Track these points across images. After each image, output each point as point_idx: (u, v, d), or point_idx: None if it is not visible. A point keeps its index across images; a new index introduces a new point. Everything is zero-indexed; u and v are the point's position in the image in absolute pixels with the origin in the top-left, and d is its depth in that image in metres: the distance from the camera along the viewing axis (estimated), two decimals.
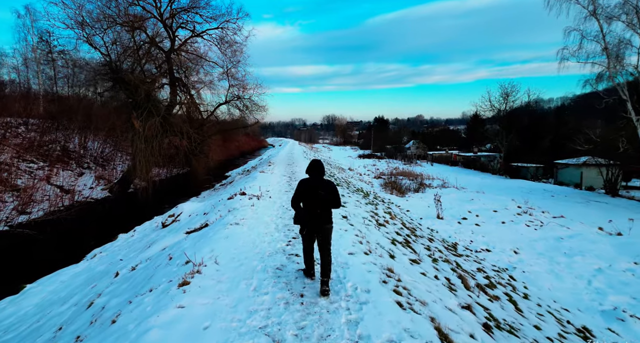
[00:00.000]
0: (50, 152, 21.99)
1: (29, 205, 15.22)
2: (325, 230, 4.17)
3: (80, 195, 18.62)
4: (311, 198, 4.13)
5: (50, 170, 20.09)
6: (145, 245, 8.89)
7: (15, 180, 16.94)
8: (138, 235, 11.17)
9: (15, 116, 23.67)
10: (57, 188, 18.44)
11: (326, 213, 4.16)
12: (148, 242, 9.40)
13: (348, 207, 9.27)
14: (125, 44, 18.30)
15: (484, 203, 19.78)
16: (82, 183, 20.45)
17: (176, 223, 10.22)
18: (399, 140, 72.10)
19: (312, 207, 4.12)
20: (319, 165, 4.27)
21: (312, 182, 4.20)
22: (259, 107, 23.97)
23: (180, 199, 20.40)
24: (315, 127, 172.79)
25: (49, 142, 22.75)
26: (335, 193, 4.20)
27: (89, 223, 14.89)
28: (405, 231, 9.07)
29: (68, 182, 19.92)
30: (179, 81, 23.30)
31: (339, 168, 35.36)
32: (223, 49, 23.63)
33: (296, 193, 4.26)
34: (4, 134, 20.61)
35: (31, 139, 22.13)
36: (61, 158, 22.33)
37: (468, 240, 12.70)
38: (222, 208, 9.14)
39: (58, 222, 14.22)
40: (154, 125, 16.93)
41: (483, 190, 24.94)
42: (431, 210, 17.75)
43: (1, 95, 24.10)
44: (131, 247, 9.75)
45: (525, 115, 40.66)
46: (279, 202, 9.31)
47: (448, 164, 49.01)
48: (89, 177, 21.64)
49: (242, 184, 12.88)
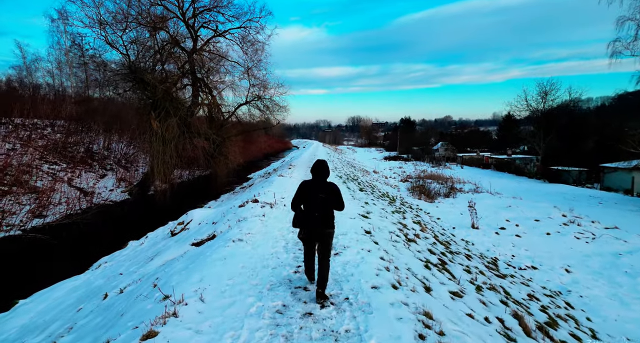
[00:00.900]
0: (73, 154, 22.03)
1: (46, 208, 14.99)
2: (325, 235, 3.94)
3: (100, 198, 18.39)
4: (311, 201, 3.94)
5: (72, 172, 20.04)
6: (149, 257, 8.13)
7: (35, 182, 16.84)
8: (147, 244, 10.48)
9: (43, 118, 24.04)
10: (77, 190, 18.29)
11: (326, 217, 3.93)
12: (153, 252, 8.65)
13: (372, 217, 8.12)
14: (145, 43, 17.90)
15: (522, 210, 18.00)
16: (103, 185, 20.29)
17: (185, 232, 9.43)
18: (426, 142, 69.77)
19: (311, 210, 3.93)
20: (323, 167, 4.01)
21: (313, 183, 4.01)
22: (280, 108, 23.19)
23: (200, 202, 19.88)
24: (340, 129, 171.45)
25: (73, 143, 22.85)
26: (337, 195, 3.96)
27: (103, 228, 14.48)
28: (439, 247, 7.82)
29: (89, 184, 19.79)
30: (201, 81, 22.89)
31: (363, 170, 34.06)
32: (245, 48, 23.04)
33: (296, 195, 4.08)
34: (29, 135, 20.79)
35: (56, 140, 22.27)
36: (84, 159, 22.34)
37: (509, 255, 11.20)
38: (231, 217, 8.23)
39: (73, 225, 13.86)
40: (171, 126, 16.38)
41: (520, 196, 23.00)
42: (464, 219, 16.23)
43: (31, 98, 24.50)
44: (137, 257, 9.04)
45: (565, 115, 37.80)
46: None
47: (479, 166, 46.54)
48: (110, 178, 21.50)
49: (257, 189, 11.98)
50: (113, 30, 15.92)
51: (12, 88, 25.03)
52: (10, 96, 22.46)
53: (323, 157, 34.42)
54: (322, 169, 4.00)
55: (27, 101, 23.14)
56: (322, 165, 4.03)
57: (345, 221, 7.12)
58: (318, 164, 4.04)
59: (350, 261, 4.79)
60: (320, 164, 4.04)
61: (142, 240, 11.04)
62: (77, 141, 23.54)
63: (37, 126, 23.17)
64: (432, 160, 52.30)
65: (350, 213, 7.84)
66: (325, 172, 4.00)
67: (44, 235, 12.38)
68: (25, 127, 21.81)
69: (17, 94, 24.34)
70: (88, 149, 23.87)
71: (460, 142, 68.04)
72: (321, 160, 4.09)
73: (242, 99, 23.45)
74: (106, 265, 9.08)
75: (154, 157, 18.09)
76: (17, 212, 13.70)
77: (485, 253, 10.91)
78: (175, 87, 21.79)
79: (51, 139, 22.26)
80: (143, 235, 12.27)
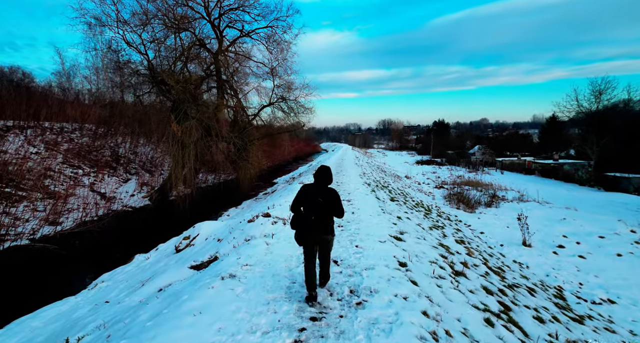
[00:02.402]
0: (98, 158, 21.82)
1: (61, 214, 14.46)
2: (323, 241, 4.03)
3: (119, 203, 17.83)
4: (310, 204, 3.99)
5: (95, 176, 19.72)
6: (141, 282, 6.99)
7: (55, 187, 16.48)
8: (153, 258, 9.43)
9: (71, 121, 24.16)
10: (98, 195, 17.84)
11: (325, 222, 3.98)
12: (150, 274, 7.52)
13: (407, 239, 6.53)
14: (164, 42, 17.21)
15: (581, 224, 15.62)
16: (125, 190, 19.81)
17: (189, 249, 8.26)
18: (461, 145, 66.31)
19: (309, 213, 3.99)
20: (326, 173, 4.10)
21: (314, 187, 4.06)
22: (306, 110, 21.91)
23: (220, 209, 18.96)
24: (370, 132, 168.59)
25: (99, 147, 22.70)
26: (336, 201, 4.00)
27: (116, 236, 13.74)
28: (494, 279, 6.10)
29: (111, 189, 19.37)
30: (226, 83, 22.10)
31: (395, 175, 32.12)
32: (270, 47, 22.05)
33: (296, 198, 4.11)
34: (55, 139, 20.75)
35: (82, 144, 22.18)
36: (109, 163, 22.09)
37: (575, 282, 9.18)
38: (238, 235, 6.94)
39: (86, 234, 13.18)
40: (188, 129, 15.51)
41: (574, 206, 20.35)
42: (513, 233, 14.16)
43: (59, 101, 24.72)
44: (135, 277, 7.96)
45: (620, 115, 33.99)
46: None
47: (521, 172, 43.07)
48: (133, 183, 21.05)
49: (275, 198, 10.69)
50: (132, 28, 15.25)
51: (41, 92, 25.31)
52: (39, 100, 22.59)
53: (351, 162, 32.87)
54: (324, 175, 4.06)
55: (55, 104, 23.28)
56: (325, 171, 4.09)
57: (374, 245, 5.62)
58: (321, 169, 4.12)
59: (380, 319, 3.29)
60: (323, 169, 4.11)
61: (149, 254, 10.01)
62: (103, 145, 23.41)
63: (66, 130, 23.25)
64: (469, 165, 49.22)
65: (380, 235, 6.31)
66: (327, 178, 4.07)
67: (52, 245, 11.70)
68: (53, 130, 21.87)
69: (46, 98, 24.56)
70: (114, 153, 23.67)
71: (498, 146, 63.96)
72: (325, 166, 4.17)
73: (266, 100, 22.46)
74: (102, 285, 8.05)
75: (174, 161, 17.34)
76: (30, 218, 13.19)
77: (546, 280, 8.96)
78: (199, 89, 21.14)
79: (77, 143, 22.20)
80: (154, 246, 11.28)
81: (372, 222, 7.41)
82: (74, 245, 12.51)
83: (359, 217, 7.92)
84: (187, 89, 16.45)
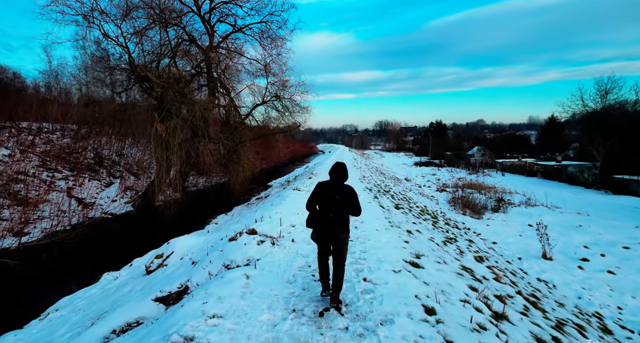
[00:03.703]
0: (79, 160, 20.35)
1: (29, 223, 13.02)
2: (339, 240, 3.84)
3: (99, 210, 16.42)
4: (326, 202, 3.85)
5: (75, 180, 18.26)
6: (99, 314, 5.64)
7: (28, 193, 15.03)
8: (122, 279, 8.07)
9: (52, 121, 22.70)
10: (75, 201, 16.41)
11: (341, 220, 3.82)
12: (111, 303, 6.18)
13: (426, 265, 5.21)
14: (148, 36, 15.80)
15: (599, 233, 14.43)
16: (106, 195, 18.38)
17: (161, 270, 6.92)
18: (459, 147, 65.22)
19: (326, 211, 3.84)
20: (342, 170, 3.98)
21: (330, 185, 3.93)
22: (301, 109, 20.56)
23: (211, 214, 17.59)
24: (367, 133, 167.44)
25: (81, 148, 21.24)
26: (353, 199, 3.87)
27: (89, 249, 12.32)
28: (539, 320, 4.82)
29: (91, 194, 17.94)
30: (218, 81, 20.71)
31: (394, 178, 30.86)
32: (264, 43, 20.68)
33: (312, 196, 4.02)
34: (32, 140, 19.27)
35: (62, 145, 20.72)
36: (91, 166, 20.64)
37: (613, 306, 7.91)
38: (215, 257, 5.63)
39: (54, 246, 11.77)
40: (172, 129, 14.15)
41: (586, 212, 19.17)
42: (528, 243, 12.94)
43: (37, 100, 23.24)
44: (95, 305, 6.60)
45: (627, 116, 32.96)
46: (304, 251, 5.54)
47: (523, 173, 41.99)
48: (116, 187, 19.60)
49: (266, 208, 9.33)
50: (110, 19, 13.85)
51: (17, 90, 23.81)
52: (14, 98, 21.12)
53: (349, 163, 31.61)
54: (340, 172, 3.95)
55: (35, 103, 21.83)
56: (341, 167, 4.00)
57: (387, 278, 4.31)
58: (337, 166, 4.01)
59: None
60: (339, 166, 4.01)
61: (119, 273, 8.64)
62: (85, 146, 21.95)
63: (45, 130, 21.79)
64: (468, 167, 48.13)
65: (393, 260, 5.02)
66: (343, 174, 3.94)
67: (12, 260, 10.27)
68: (30, 131, 20.41)
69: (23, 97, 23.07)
70: (97, 155, 22.22)
71: (497, 147, 62.99)
72: (340, 163, 4.05)
73: (259, 99, 21.09)
74: (55, 314, 6.68)
75: (158, 164, 15.96)
76: None
77: (580, 304, 7.71)
78: (188, 88, 19.77)
79: (57, 144, 20.74)
80: (129, 260, 9.91)
81: (380, 240, 6.12)
82: (40, 260, 11.10)
83: (364, 232, 6.62)
84: (170, 85, 15.06)
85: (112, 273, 8.81)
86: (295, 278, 4.44)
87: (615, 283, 9.26)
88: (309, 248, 5.62)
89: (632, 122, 32.39)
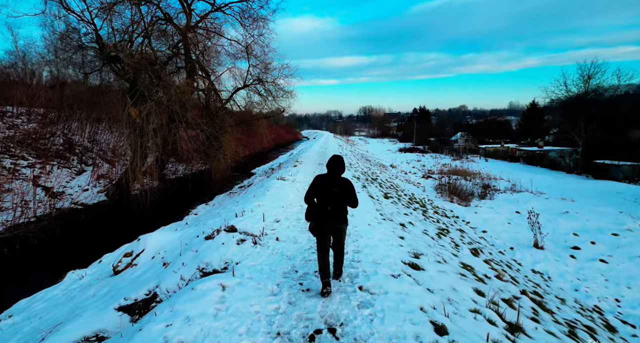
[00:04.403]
0: (48, 146, 19.00)
1: None
2: (338, 231, 4.00)
3: (68, 199, 15.36)
4: (324, 195, 3.88)
5: (42, 168, 17.03)
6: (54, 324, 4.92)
7: None
8: (87, 279, 7.30)
9: (16, 105, 21.11)
10: (42, 190, 15.30)
11: (340, 211, 3.92)
12: (69, 310, 5.44)
13: (426, 266, 4.67)
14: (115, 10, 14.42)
15: (587, 219, 14.38)
16: (77, 183, 17.25)
17: (130, 271, 6.21)
18: (442, 133, 65.38)
19: (324, 204, 3.87)
20: (339, 163, 4.03)
21: (328, 178, 3.99)
22: (285, 93, 19.61)
23: (190, 204, 16.75)
24: (351, 119, 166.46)
25: (48, 134, 19.84)
26: (351, 191, 3.95)
27: (55, 243, 11.38)
28: (551, 325, 4.38)
29: (61, 183, 16.80)
30: (197, 63, 19.46)
31: (380, 165, 30.46)
32: (246, 23, 19.41)
33: (310, 189, 4.02)
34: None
35: (28, 130, 19.30)
36: (61, 153, 19.33)
37: (611, 299, 7.66)
38: (189, 259, 4.96)
39: (14, 241, 10.78)
40: (145, 113, 13.13)
41: (570, 197, 19.23)
42: (517, 231, 12.74)
43: None
44: (55, 310, 5.86)
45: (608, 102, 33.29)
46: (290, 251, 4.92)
47: (506, 159, 42.37)
48: (88, 175, 18.42)
49: (248, 200, 8.62)
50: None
51: None
52: None
53: (334, 150, 30.95)
54: (337, 165, 4.00)
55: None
56: (338, 160, 4.03)
57: (386, 286, 3.73)
58: (334, 159, 4.04)
59: None
60: (336, 159, 4.04)
61: (85, 271, 7.85)
62: (54, 131, 20.54)
63: (9, 114, 20.26)
64: (452, 152, 48.26)
65: (390, 262, 4.45)
66: (340, 167, 4.01)
67: None
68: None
69: None
70: (67, 140, 20.87)
71: (480, 133, 63.43)
72: (337, 156, 4.08)
73: (240, 83, 20.01)
74: (7, 322, 5.90)
75: (132, 151, 14.93)
76: None
77: (578, 297, 7.42)
78: (165, 70, 18.51)
79: (22, 129, 19.31)
80: (99, 255, 9.11)
81: (373, 237, 5.56)
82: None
83: (355, 228, 6.04)
84: (143, 66, 13.91)
85: (78, 272, 8.02)
86: (280, 288, 3.82)
87: (608, 272, 9.07)
88: (295, 248, 5.01)
89: (611, 106, 32.77)
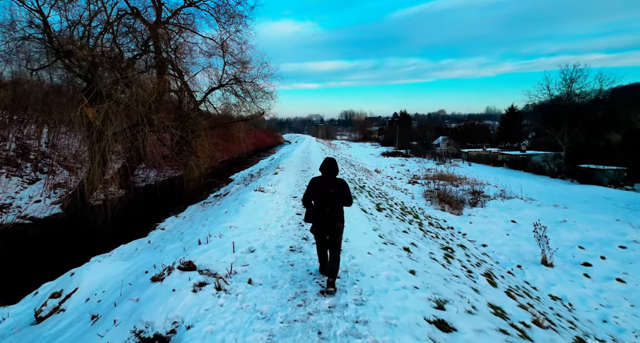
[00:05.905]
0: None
1: None
2: (335, 229, 4.03)
3: (14, 212, 13.41)
4: (322, 197, 3.99)
5: None
6: None
7: None
8: (6, 324, 5.67)
9: None
10: None
11: (337, 211, 4.02)
12: None
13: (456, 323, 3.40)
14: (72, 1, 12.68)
15: (586, 229, 13.58)
16: (27, 194, 15.25)
17: (55, 318, 4.65)
18: (423, 137, 65.25)
19: (323, 206, 3.98)
20: (333, 165, 4.13)
21: (323, 180, 4.09)
22: (265, 94, 18.16)
23: (157, 217, 15.02)
24: (332, 123, 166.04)
25: None
26: (346, 190, 4.04)
27: None
28: None
29: (9, 194, 14.82)
30: (168, 62, 17.75)
31: (365, 170, 29.33)
32: (221, 20, 17.90)
33: (307, 192, 4.16)
34: None
35: None
36: (12, 159, 17.21)
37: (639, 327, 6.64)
38: (124, 312, 3.50)
39: None
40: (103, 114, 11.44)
41: (561, 203, 18.61)
42: (518, 244, 11.73)
43: None
44: None
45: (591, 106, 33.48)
46: (266, 304, 3.44)
47: (489, 163, 42.10)
48: (41, 185, 16.40)
49: (218, 218, 7.14)
50: None
51: None
52: None
53: (317, 154, 29.54)
54: (331, 167, 4.09)
55: None
56: (332, 163, 4.13)
57: None
58: (328, 161, 4.15)
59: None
60: (330, 161, 4.15)
61: (7, 311, 6.18)
62: (4, 136, 18.36)
63: None
64: (435, 157, 47.83)
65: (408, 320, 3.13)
66: (334, 169, 4.09)
67: None
68: None
69: None
70: (22, 146, 18.72)
71: (461, 137, 63.56)
72: (331, 159, 4.21)
73: (216, 83, 18.43)
74: None
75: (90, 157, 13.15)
76: None
77: (610, 330, 6.33)
78: (132, 68, 16.74)
79: None
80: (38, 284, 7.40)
81: (378, 274, 4.23)
82: None
83: (353, 259, 4.68)
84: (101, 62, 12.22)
85: (1, 310, 6.35)
86: None
87: (629, 294, 8.07)
88: (274, 298, 3.58)
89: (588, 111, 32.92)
